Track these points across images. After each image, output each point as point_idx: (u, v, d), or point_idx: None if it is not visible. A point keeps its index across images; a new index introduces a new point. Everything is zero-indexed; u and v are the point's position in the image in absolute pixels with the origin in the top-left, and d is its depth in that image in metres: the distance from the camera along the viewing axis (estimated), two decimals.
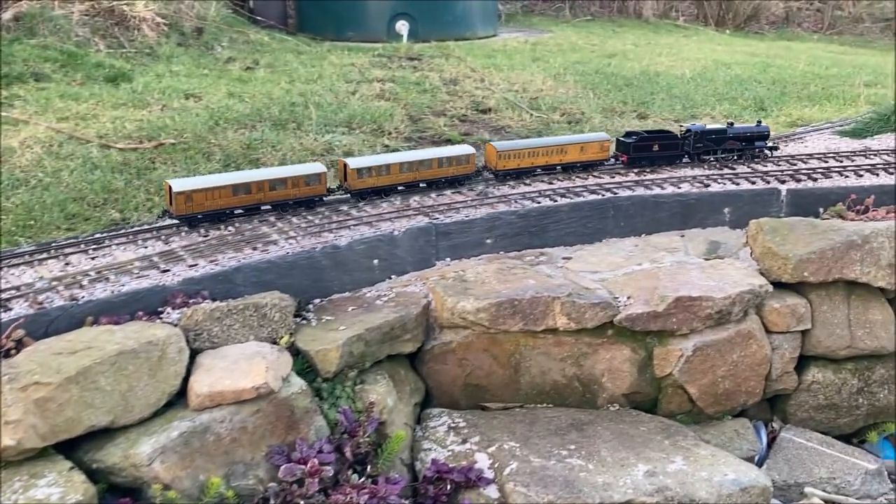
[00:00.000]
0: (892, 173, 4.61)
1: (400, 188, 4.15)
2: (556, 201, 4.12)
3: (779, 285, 3.85)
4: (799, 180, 4.49)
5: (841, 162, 4.79)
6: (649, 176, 4.50)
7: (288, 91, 6.45)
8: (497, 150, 4.31)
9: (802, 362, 3.89)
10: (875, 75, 8.37)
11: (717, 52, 9.85)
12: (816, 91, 7.45)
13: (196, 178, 3.83)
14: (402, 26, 9.26)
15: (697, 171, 4.60)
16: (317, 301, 3.52)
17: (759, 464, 3.65)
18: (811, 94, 7.30)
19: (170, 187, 3.57)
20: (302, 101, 6.11)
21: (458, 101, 6.68)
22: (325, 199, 3.97)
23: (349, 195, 4.04)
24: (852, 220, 4.17)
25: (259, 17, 9.34)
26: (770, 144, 4.89)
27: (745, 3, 12.68)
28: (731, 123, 4.89)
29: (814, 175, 4.53)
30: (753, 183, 4.43)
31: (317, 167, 3.91)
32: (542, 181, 4.43)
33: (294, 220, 3.79)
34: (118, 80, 6.32)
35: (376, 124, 5.74)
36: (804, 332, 3.84)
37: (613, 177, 4.50)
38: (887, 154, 4.95)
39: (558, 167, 4.54)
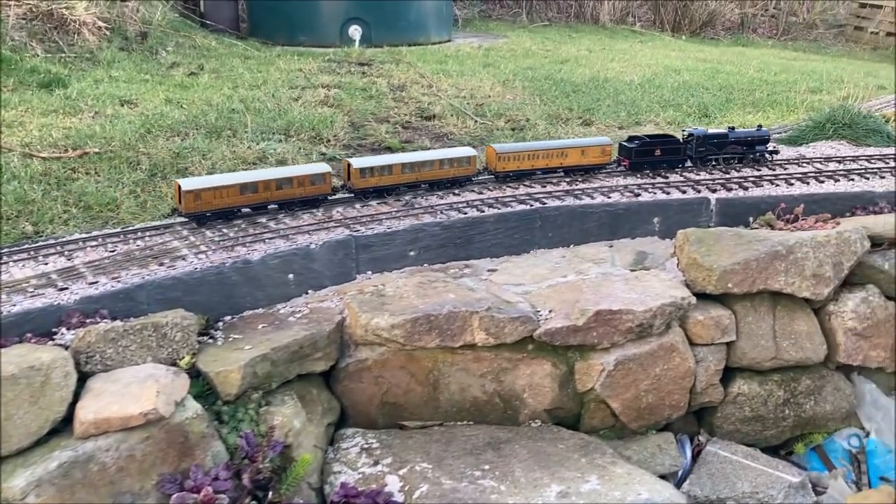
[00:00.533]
0: (822, 181, 4.56)
1: (402, 188, 4.16)
2: (483, 212, 4.00)
3: (704, 297, 3.76)
4: (730, 189, 4.42)
5: (773, 171, 4.74)
6: (581, 185, 4.40)
7: (229, 97, 6.26)
8: (496, 152, 4.33)
9: (728, 374, 3.81)
10: (821, 82, 8.39)
11: (670, 57, 9.82)
12: (761, 97, 7.44)
13: (205, 177, 3.94)
14: (355, 31, 9.11)
15: (630, 181, 4.51)
16: (228, 318, 3.36)
17: (683, 478, 3.57)
18: (756, 101, 7.27)
19: (179, 186, 3.61)
20: (242, 108, 5.94)
21: (404, 107, 6.55)
22: (329, 198, 4.00)
23: (353, 194, 4.08)
24: (781, 229, 4.11)
25: (210, 22, 9.12)
26: (771, 148, 4.87)
27: (700, 9, 12.71)
28: (733, 128, 4.88)
29: (745, 184, 4.47)
30: (684, 192, 4.35)
31: (322, 167, 3.97)
32: (473, 191, 4.32)
33: (208, 233, 3.63)
34: (52, 86, 6.08)
35: (314, 131, 5.58)
36: (729, 344, 3.76)
37: (545, 186, 4.39)
38: (819, 162, 4.90)
39: (559, 170, 4.51)
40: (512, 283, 3.70)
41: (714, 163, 4.75)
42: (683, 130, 4.87)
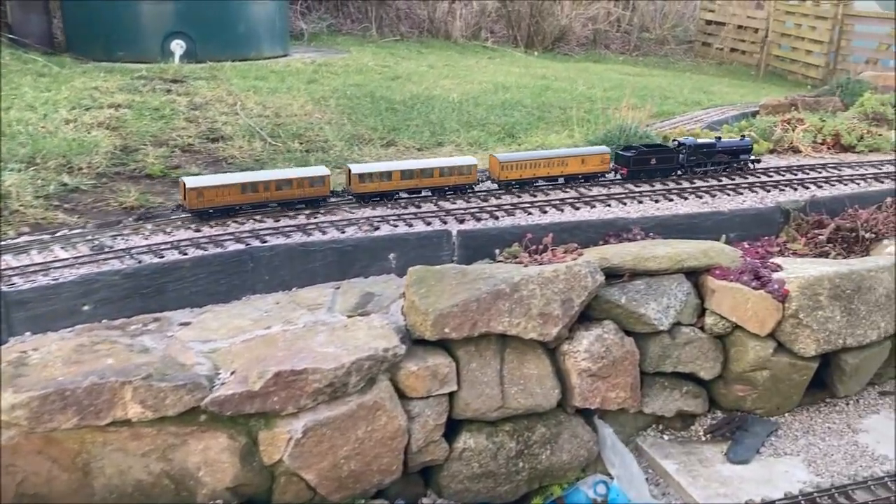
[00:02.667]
0: (579, 208, 4.18)
1: (403, 194, 4.15)
2: (186, 254, 3.37)
3: (425, 343, 3.27)
4: (480, 219, 3.96)
5: (534, 196, 4.32)
6: (317, 219, 3.84)
7: None
8: (500, 161, 4.31)
9: (455, 427, 3.33)
10: (643, 99, 8.16)
11: (511, 74, 9.46)
12: (576, 115, 7.13)
13: (209, 175, 3.96)
14: (177, 46, 8.31)
15: (378, 212, 3.98)
16: None
17: None
18: (567, 119, 6.95)
19: (184, 184, 3.67)
20: None
21: (194, 128, 5.84)
22: (328, 200, 4.02)
23: (353, 198, 4.09)
24: (521, 261, 3.68)
25: (17, 37, 8.11)
26: (753, 157, 4.97)
27: (552, 25, 12.52)
28: (719, 138, 5.03)
29: (497, 213, 4.02)
30: (429, 224, 3.86)
31: (321, 170, 4.02)
32: (190, 229, 3.68)
33: None
34: None
35: (65, 158, 4.82)
36: (451, 395, 3.28)
37: (277, 219, 3.80)
38: (584, 187, 4.53)
39: (560, 178, 4.48)
40: (201, 340, 3.09)
41: (703, 171, 4.83)
42: (674, 140, 4.91)
